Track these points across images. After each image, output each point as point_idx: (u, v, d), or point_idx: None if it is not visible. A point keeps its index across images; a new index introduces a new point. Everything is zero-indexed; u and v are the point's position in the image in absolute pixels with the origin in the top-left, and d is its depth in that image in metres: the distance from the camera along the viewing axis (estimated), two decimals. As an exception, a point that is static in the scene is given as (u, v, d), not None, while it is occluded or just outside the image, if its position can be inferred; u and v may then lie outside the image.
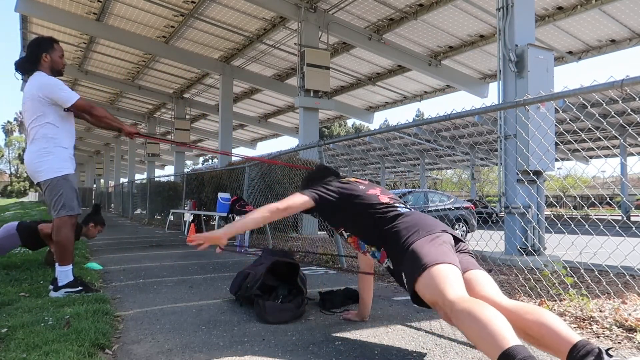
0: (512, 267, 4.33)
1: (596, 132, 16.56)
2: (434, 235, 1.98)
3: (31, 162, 3.22)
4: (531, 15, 5.92)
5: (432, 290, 1.76)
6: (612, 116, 4.43)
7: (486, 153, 22.07)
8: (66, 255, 3.22)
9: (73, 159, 3.36)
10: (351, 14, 11.42)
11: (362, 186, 2.36)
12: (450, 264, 1.83)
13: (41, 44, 3.31)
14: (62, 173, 3.22)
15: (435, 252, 1.88)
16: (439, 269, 1.79)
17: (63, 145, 3.25)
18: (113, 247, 6.80)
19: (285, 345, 2.21)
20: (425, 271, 1.80)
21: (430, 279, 1.78)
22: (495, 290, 1.89)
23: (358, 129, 52.32)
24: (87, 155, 40.89)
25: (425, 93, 17.17)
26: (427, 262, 1.83)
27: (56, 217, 3.22)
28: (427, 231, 2.00)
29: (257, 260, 3.23)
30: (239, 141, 27.14)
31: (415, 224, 2.06)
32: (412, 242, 1.95)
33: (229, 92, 15.43)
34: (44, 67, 3.26)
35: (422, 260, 1.84)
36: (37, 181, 3.28)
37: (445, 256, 1.87)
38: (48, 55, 3.28)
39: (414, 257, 1.89)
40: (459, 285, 1.76)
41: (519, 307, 1.74)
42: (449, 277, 1.76)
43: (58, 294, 3.13)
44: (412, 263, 1.89)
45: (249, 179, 8.37)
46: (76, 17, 12.53)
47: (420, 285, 1.82)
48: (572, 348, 1.48)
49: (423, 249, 1.90)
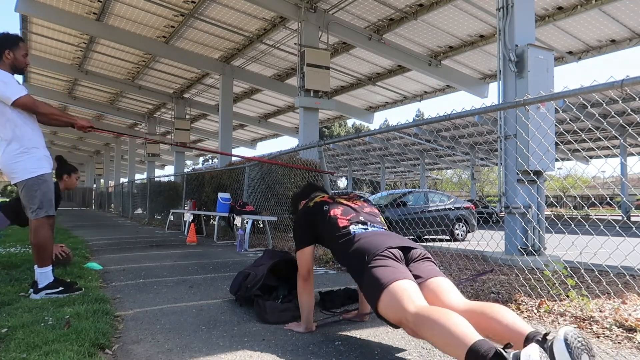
0: (513, 267, 4.34)
1: (596, 132, 16.57)
2: (381, 255, 2.02)
3: (6, 163, 3.14)
4: (531, 15, 5.92)
5: (393, 310, 1.82)
6: (612, 116, 4.44)
7: (486, 153, 22.07)
8: (45, 257, 3.18)
9: (49, 157, 3.28)
10: (351, 14, 11.41)
11: (326, 206, 2.44)
12: (403, 279, 1.89)
13: (6, 40, 3.23)
14: (38, 173, 3.15)
15: (386, 272, 1.93)
16: (395, 286, 1.85)
17: (36, 145, 3.18)
18: (113, 247, 6.80)
19: (285, 345, 2.21)
20: (382, 293, 1.86)
21: (389, 299, 1.84)
22: (454, 294, 1.94)
23: (358, 129, 52.31)
24: (87, 155, 40.86)
25: (425, 93, 17.16)
26: (381, 284, 1.88)
27: (33, 218, 3.16)
28: (374, 253, 2.03)
29: (258, 261, 3.23)
30: (239, 141, 27.13)
31: (365, 247, 2.10)
32: (364, 270, 2.01)
33: (229, 92, 15.42)
34: (5, 64, 3.18)
35: (377, 283, 1.91)
36: (14, 182, 3.22)
37: (395, 274, 1.92)
38: (11, 52, 3.20)
39: (370, 283, 1.95)
40: (417, 297, 1.81)
41: (475, 307, 1.80)
42: (405, 292, 1.82)
43: (38, 296, 3.09)
44: (370, 289, 1.96)
45: (249, 179, 8.37)
46: (76, 17, 12.52)
47: (382, 308, 1.88)
48: (525, 340, 1.55)
49: (374, 273, 1.95)
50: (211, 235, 8.61)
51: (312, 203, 2.52)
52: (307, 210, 2.52)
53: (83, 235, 8.54)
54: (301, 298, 2.45)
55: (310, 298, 2.45)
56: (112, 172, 33.00)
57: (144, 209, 15.50)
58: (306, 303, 2.43)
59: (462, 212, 10.93)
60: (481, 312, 1.75)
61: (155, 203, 14.38)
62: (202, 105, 20.01)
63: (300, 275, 2.45)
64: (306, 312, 2.43)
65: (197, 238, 7.75)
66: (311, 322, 2.44)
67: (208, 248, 6.86)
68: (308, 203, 2.56)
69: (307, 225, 2.46)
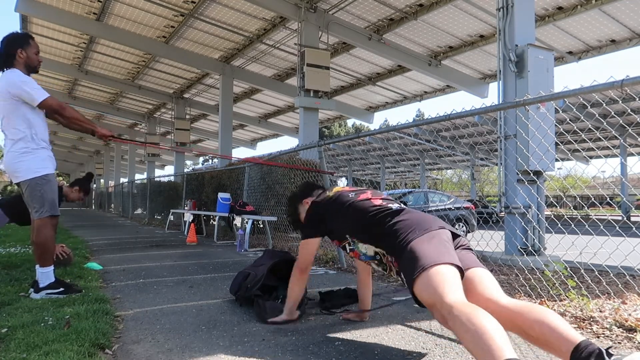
0: (513, 267, 4.33)
1: (596, 132, 16.56)
2: (431, 233, 1.95)
3: (10, 162, 3.16)
4: (531, 15, 5.92)
5: (430, 293, 1.73)
6: (612, 116, 4.44)
7: (486, 153, 22.06)
8: (47, 257, 3.19)
9: (53, 158, 3.31)
10: (351, 14, 11.41)
11: (351, 194, 2.38)
12: (449, 264, 1.80)
13: (17, 39, 3.25)
14: (42, 173, 3.16)
15: (433, 251, 1.84)
16: (438, 270, 1.76)
17: (41, 145, 3.20)
18: (113, 247, 6.80)
19: (285, 345, 2.21)
20: (424, 272, 1.77)
21: (429, 280, 1.74)
22: (496, 289, 1.86)
23: (358, 129, 52.30)
24: (87, 155, 40.83)
25: (425, 93, 17.16)
26: (425, 263, 1.79)
27: (37, 218, 3.17)
28: (425, 229, 1.96)
29: (258, 261, 3.23)
30: (239, 141, 27.12)
31: (412, 222, 2.03)
32: (410, 241, 1.92)
33: (229, 92, 15.42)
34: (19, 64, 3.20)
35: (420, 261, 1.81)
36: (17, 182, 3.23)
37: (444, 256, 1.83)
38: (24, 51, 3.21)
39: (412, 258, 1.85)
40: (458, 288, 1.73)
41: (520, 306, 1.72)
42: (448, 280, 1.73)
43: (39, 296, 3.10)
44: (410, 264, 1.85)
45: (249, 179, 8.37)
46: (76, 17, 12.52)
47: (418, 287, 1.78)
48: (575, 349, 1.47)
49: (421, 248, 1.86)
50: (211, 235, 8.61)
51: (333, 194, 2.45)
52: (328, 201, 2.44)
53: (83, 235, 8.55)
54: (292, 288, 2.43)
55: (301, 290, 2.45)
56: (112, 172, 32.97)
57: (144, 209, 15.50)
58: (295, 294, 2.42)
59: (462, 212, 10.94)
60: (529, 311, 1.67)
61: (155, 203, 14.38)
62: (202, 105, 20.01)
63: (298, 266, 2.43)
64: (292, 302, 2.45)
65: (197, 238, 7.75)
66: (294, 311, 2.46)
67: (208, 248, 6.86)
68: (327, 195, 2.50)
69: (328, 215, 2.37)
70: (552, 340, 1.56)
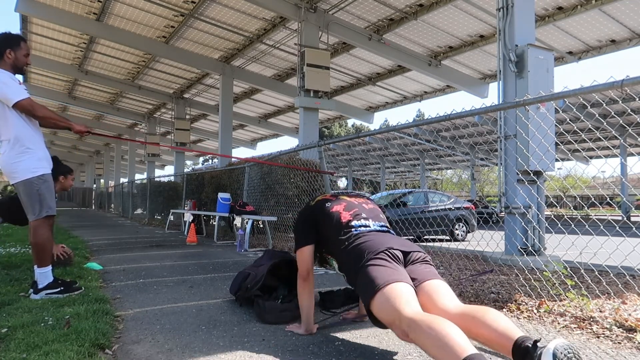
0: (513, 267, 4.34)
1: (596, 132, 16.57)
2: (379, 255, 2.02)
3: (7, 163, 3.15)
4: (531, 15, 5.92)
5: (387, 311, 1.82)
6: (612, 116, 4.44)
7: (486, 153, 22.07)
8: (45, 257, 3.19)
9: (49, 158, 3.31)
10: (351, 14, 11.42)
11: (327, 203, 2.44)
12: (400, 281, 1.89)
13: (8, 39, 3.23)
14: (38, 173, 3.16)
15: (383, 272, 1.94)
16: (391, 288, 1.85)
17: (37, 145, 3.20)
18: (113, 247, 6.80)
19: (285, 345, 2.21)
20: (378, 293, 1.86)
21: (384, 299, 1.84)
22: (449, 298, 1.94)
23: (358, 129, 52.28)
24: (87, 155, 40.85)
25: (425, 93, 17.16)
26: (377, 284, 1.89)
27: (33, 218, 3.17)
28: (374, 251, 2.04)
29: (258, 261, 3.23)
30: (239, 141, 27.12)
31: (365, 245, 2.11)
32: (361, 266, 2.01)
33: (229, 92, 15.42)
34: (6, 64, 3.18)
35: (373, 282, 1.91)
36: (14, 182, 3.22)
37: (394, 275, 1.92)
38: (13, 52, 3.20)
39: (366, 281, 1.95)
40: (413, 302, 1.82)
41: (466, 312, 1.80)
42: (403, 296, 1.82)
43: (38, 297, 3.10)
44: (364, 287, 1.95)
45: (249, 179, 8.37)
46: (76, 17, 12.52)
47: (375, 307, 1.88)
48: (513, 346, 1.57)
49: (372, 271, 1.96)
50: (211, 236, 8.61)
51: (314, 202, 2.52)
52: (308, 208, 2.52)
53: (83, 235, 8.54)
54: (301, 298, 2.45)
55: (310, 299, 2.44)
56: (112, 172, 32.99)
57: (144, 209, 15.50)
58: (306, 304, 2.42)
59: (462, 212, 10.92)
60: (473, 316, 1.75)
61: (155, 203, 14.38)
62: (202, 105, 20.01)
63: (300, 275, 2.44)
64: (306, 313, 2.42)
65: (197, 238, 7.75)
66: (312, 323, 2.42)
67: (208, 248, 6.86)
68: (310, 202, 2.57)
69: (308, 224, 2.44)
70: (493, 341, 1.66)
